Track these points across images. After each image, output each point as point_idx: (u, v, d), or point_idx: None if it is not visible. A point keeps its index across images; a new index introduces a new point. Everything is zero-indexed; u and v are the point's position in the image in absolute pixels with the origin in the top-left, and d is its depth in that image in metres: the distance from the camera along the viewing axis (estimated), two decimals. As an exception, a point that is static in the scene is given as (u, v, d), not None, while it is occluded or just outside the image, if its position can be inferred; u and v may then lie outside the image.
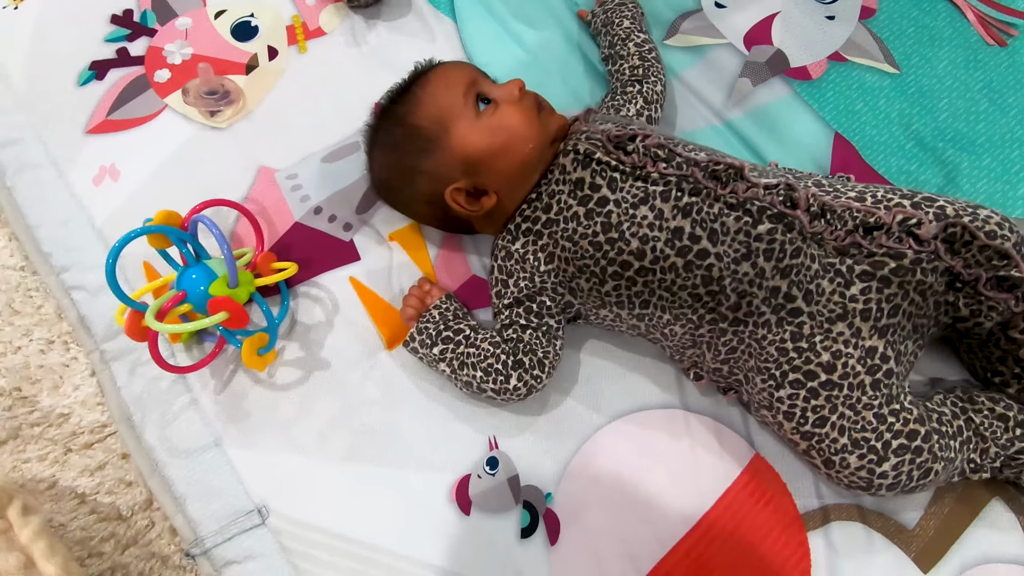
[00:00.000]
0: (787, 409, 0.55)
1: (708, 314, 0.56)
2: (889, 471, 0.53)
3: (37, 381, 0.73)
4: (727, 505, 0.61)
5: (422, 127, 0.61)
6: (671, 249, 0.55)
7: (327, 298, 0.71)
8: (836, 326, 0.53)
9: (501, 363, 0.61)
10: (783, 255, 0.54)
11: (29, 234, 0.76)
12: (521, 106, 0.61)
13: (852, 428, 0.53)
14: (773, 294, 0.54)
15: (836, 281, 0.54)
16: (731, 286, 0.55)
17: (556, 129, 0.62)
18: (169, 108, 0.80)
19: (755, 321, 0.55)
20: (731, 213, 0.55)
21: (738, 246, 0.54)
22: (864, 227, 0.54)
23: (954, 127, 0.74)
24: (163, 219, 0.62)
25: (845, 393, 0.53)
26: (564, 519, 0.62)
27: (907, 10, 0.81)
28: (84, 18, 0.85)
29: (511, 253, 0.62)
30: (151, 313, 0.59)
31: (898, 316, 0.54)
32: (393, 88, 0.66)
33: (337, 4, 0.85)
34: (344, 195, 0.75)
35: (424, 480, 0.64)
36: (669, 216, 0.55)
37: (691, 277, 0.55)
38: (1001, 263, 0.52)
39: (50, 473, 0.69)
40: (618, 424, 0.65)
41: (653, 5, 0.83)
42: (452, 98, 0.61)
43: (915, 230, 0.53)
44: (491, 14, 0.84)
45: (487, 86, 0.63)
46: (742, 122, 0.76)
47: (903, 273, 0.53)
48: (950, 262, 0.53)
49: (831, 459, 0.54)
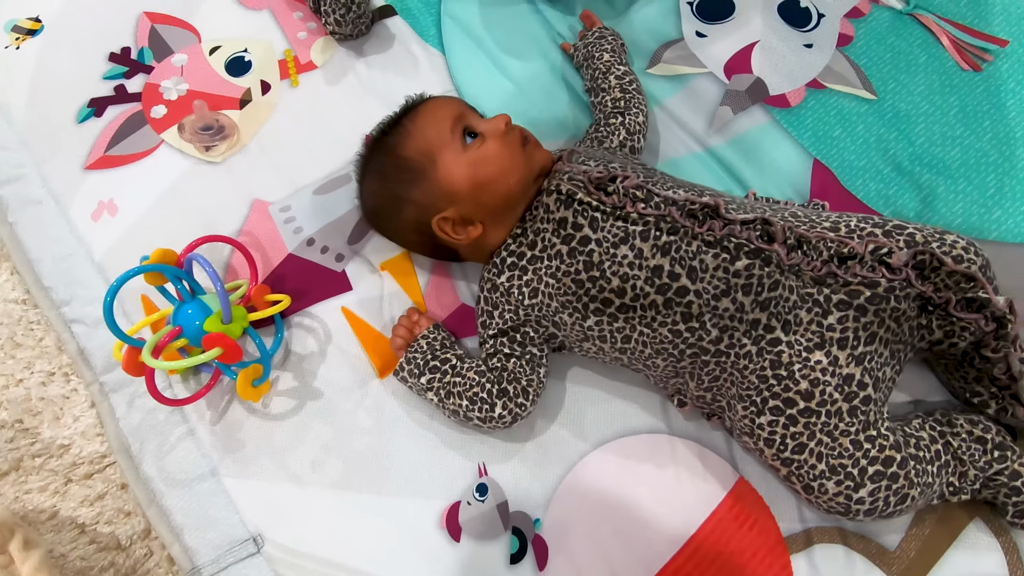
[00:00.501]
0: (767, 436, 0.57)
1: (689, 349, 0.58)
2: (866, 497, 0.54)
3: (38, 413, 0.74)
4: (712, 528, 0.62)
5: (410, 158, 0.63)
6: (651, 287, 0.57)
7: (320, 328, 0.73)
8: (814, 355, 0.55)
9: (486, 392, 0.62)
10: (761, 288, 0.55)
11: (30, 268, 0.78)
12: (506, 140, 0.63)
13: (829, 455, 0.55)
14: (753, 326, 0.56)
15: (814, 311, 0.55)
16: (711, 321, 0.56)
17: (541, 164, 0.64)
18: (165, 143, 0.82)
19: (736, 352, 0.56)
20: (709, 251, 0.56)
21: (717, 282, 0.56)
22: (839, 257, 0.55)
23: (930, 152, 0.76)
24: (159, 257, 0.64)
25: (823, 420, 0.55)
26: (552, 544, 0.63)
27: (883, 36, 0.83)
28: (83, 56, 0.88)
29: (496, 286, 0.64)
30: (147, 350, 0.60)
31: (875, 343, 0.55)
32: (384, 120, 0.68)
33: (327, 38, 0.88)
34: (336, 226, 0.77)
35: (415, 507, 0.65)
36: (648, 255, 0.57)
37: (671, 314, 0.57)
38: (968, 285, 0.54)
39: (51, 503, 0.71)
40: (604, 449, 0.66)
41: (636, 35, 0.85)
42: (439, 131, 0.63)
43: (887, 259, 0.54)
44: (478, 46, 0.86)
45: (474, 120, 0.65)
46: (723, 149, 0.78)
47: (878, 301, 0.54)
48: (921, 288, 0.54)
49: (810, 485, 0.56)
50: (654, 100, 0.81)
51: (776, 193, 0.74)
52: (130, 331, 0.65)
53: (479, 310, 0.66)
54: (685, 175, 0.75)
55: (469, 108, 0.67)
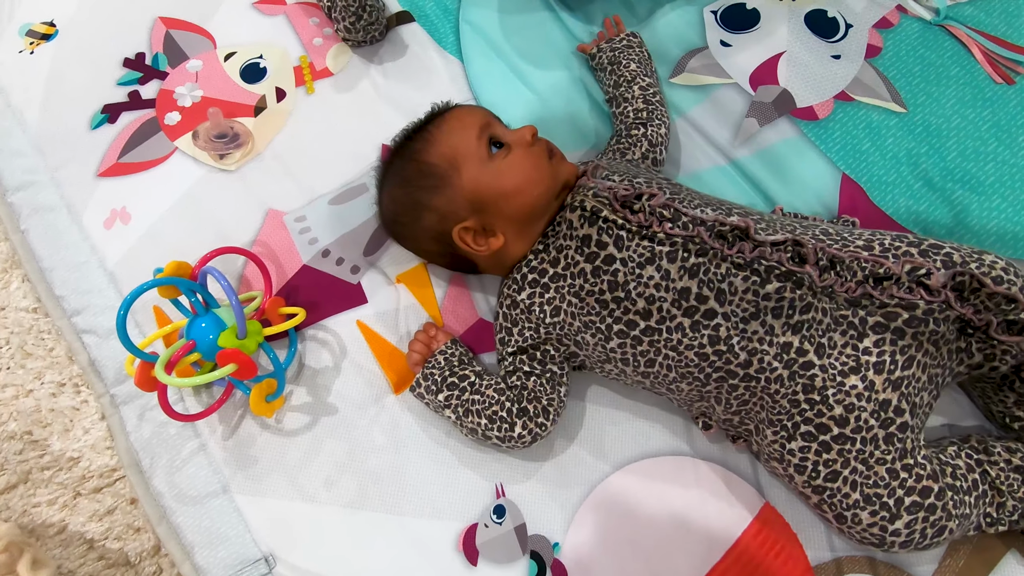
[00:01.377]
0: (798, 462, 0.55)
1: (715, 372, 0.56)
2: (902, 529, 0.52)
3: (48, 425, 0.73)
4: (737, 556, 0.60)
5: (434, 164, 0.62)
6: (677, 309, 0.55)
7: (334, 342, 0.71)
8: (849, 379, 0.53)
9: (505, 411, 0.60)
10: (792, 311, 0.54)
11: (42, 276, 0.77)
12: (532, 152, 0.62)
13: (864, 483, 0.53)
14: (784, 350, 0.54)
15: (849, 334, 0.53)
16: (739, 344, 0.54)
17: (566, 177, 0.63)
18: (179, 151, 0.81)
19: (767, 376, 0.54)
20: (739, 273, 0.54)
21: (746, 305, 0.54)
22: (875, 278, 0.53)
23: (963, 167, 0.73)
24: (173, 270, 0.63)
25: (858, 448, 0.53)
26: (572, 570, 0.61)
27: (913, 48, 0.81)
28: (98, 62, 0.87)
29: (517, 303, 0.62)
30: (160, 365, 0.59)
31: (912, 368, 0.53)
32: (408, 126, 0.67)
33: (343, 46, 0.86)
34: (352, 237, 0.76)
35: (431, 528, 0.63)
36: (676, 277, 0.55)
37: (697, 337, 0.55)
38: (1009, 307, 0.52)
39: (59, 518, 0.70)
40: (626, 471, 0.64)
41: (659, 43, 0.83)
42: (465, 139, 0.61)
43: (925, 280, 0.52)
44: (497, 54, 0.85)
45: (500, 130, 0.64)
46: (749, 162, 0.76)
47: (916, 324, 0.52)
48: (961, 310, 0.52)
49: (843, 514, 0.54)
50: (677, 110, 0.79)
51: (804, 208, 0.72)
52: (142, 344, 0.64)
53: (498, 326, 0.64)
54: (709, 188, 0.73)
55: (495, 118, 0.66)
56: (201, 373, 0.65)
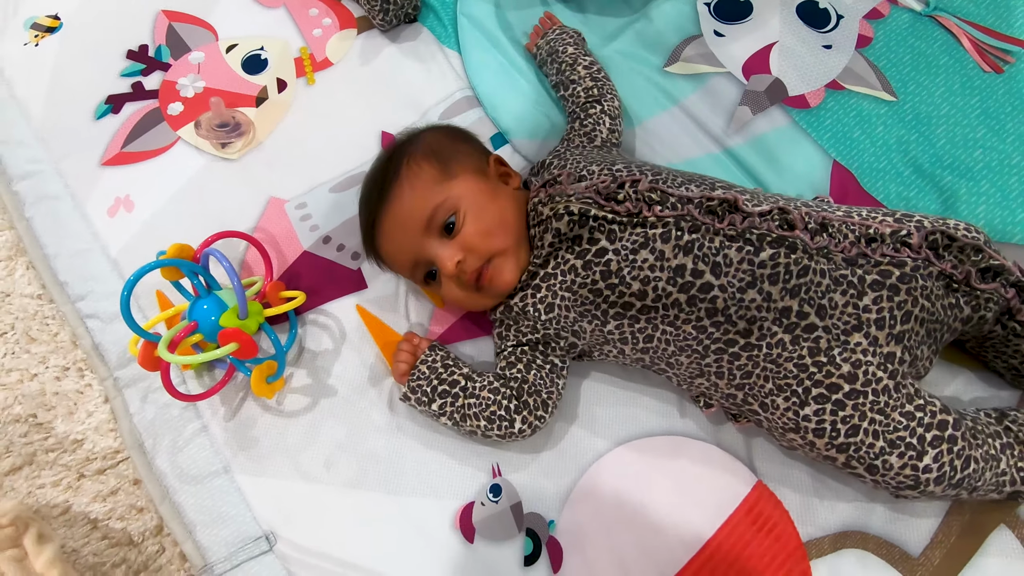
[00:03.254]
0: (815, 427, 0.55)
1: (714, 344, 0.57)
2: (932, 464, 0.53)
3: (52, 408, 0.74)
4: (729, 532, 0.61)
5: (401, 274, 0.70)
6: (673, 286, 0.56)
7: (334, 326, 0.72)
8: (853, 337, 0.54)
9: (504, 408, 0.61)
10: (789, 276, 0.55)
11: (46, 264, 0.78)
12: (458, 286, 0.62)
13: (885, 431, 0.54)
14: (784, 314, 0.55)
15: (849, 293, 0.55)
16: (738, 314, 0.55)
17: (501, 292, 0.62)
18: (182, 140, 0.82)
19: (768, 342, 0.56)
20: (732, 244, 0.56)
21: (743, 275, 0.55)
22: (865, 239, 0.56)
23: (952, 153, 0.75)
24: (176, 252, 0.64)
25: (871, 399, 0.54)
26: (567, 547, 0.62)
27: (904, 38, 0.82)
28: (102, 54, 0.88)
29: (510, 307, 0.63)
30: (163, 344, 0.60)
31: (911, 322, 0.55)
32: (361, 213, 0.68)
33: (342, 35, 0.88)
34: (352, 224, 0.77)
35: (428, 507, 0.64)
36: (670, 256, 0.56)
37: (695, 311, 0.56)
38: (978, 257, 0.56)
39: (64, 499, 0.71)
40: (620, 451, 0.65)
41: (654, 32, 0.84)
42: (403, 274, 0.69)
43: (907, 240, 0.55)
44: (494, 46, 0.86)
45: (432, 253, 0.62)
46: (742, 150, 0.77)
47: (908, 280, 0.55)
48: (940, 265, 0.55)
49: (873, 465, 0.54)
50: (672, 99, 0.80)
51: (796, 195, 0.73)
52: (146, 326, 0.65)
53: (495, 322, 0.66)
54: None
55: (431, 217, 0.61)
56: (204, 354, 0.66)
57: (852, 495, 0.62)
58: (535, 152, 0.79)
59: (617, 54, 0.84)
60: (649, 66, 0.83)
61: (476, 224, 0.61)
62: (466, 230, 0.61)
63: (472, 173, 0.64)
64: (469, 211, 0.61)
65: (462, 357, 0.70)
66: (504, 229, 0.62)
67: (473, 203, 0.62)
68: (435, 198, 0.62)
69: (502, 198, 0.64)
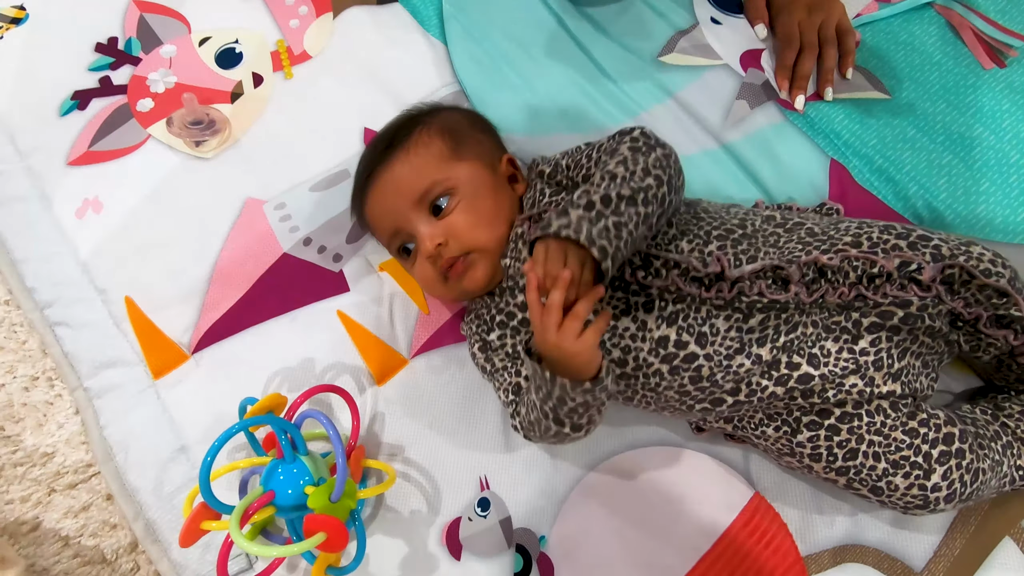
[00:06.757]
0: (811, 452, 0.53)
1: (699, 404, 0.55)
2: (941, 482, 0.51)
3: (21, 419, 0.71)
4: (726, 547, 0.59)
5: (376, 236, 0.66)
6: (655, 357, 0.53)
7: (315, 333, 0.69)
8: (849, 379, 0.51)
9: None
10: (778, 336, 0.52)
11: (13, 268, 0.75)
12: (427, 271, 0.59)
13: (887, 452, 0.51)
14: (773, 367, 0.52)
15: (843, 339, 0.52)
16: (724, 378, 0.52)
17: (470, 290, 0.59)
18: (152, 138, 0.78)
19: (759, 396, 0.53)
20: (720, 314, 0.52)
21: (730, 343, 0.52)
22: (868, 277, 0.52)
23: (949, 150, 0.72)
24: (269, 405, 0.56)
25: (867, 421, 0.51)
26: (559, 563, 0.60)
27: (896, 34, 0.79)
28: (69, 46, 0.84)
29: (487, 343, 0.60)
30: (235, 518, 0.50)
31: (907, 358, 0.53)
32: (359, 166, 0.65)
33: (320, 24, 0.84)
34: (334, 224, 0.74)
35: (413, 522, 0.62)
36: (653, 327, 0.53)
37: (677, 379, 0.53)
38: (1000, 301, 0.51)
39: (33, 515, 0.68)
40: (613, 463, 0.63)
41: (649, 19, 0.81)
42: (381, 239, 0.65)
43: (916, 276, 0.51)
44: (481, 36, 0.82)
45: (415, 227, 0.59)
46: (739, 146, 0.74)
47: (912, 320, 0.51)
48: (952, 304, 0.51)
49: (877, 487, 0.52)
50: (667, 91, 0.77)
51: (794, 192, 0.71)
52: (214, 474, 0.53)
53: (481, 362, 0.62)
54: (699, 174, 0.72)
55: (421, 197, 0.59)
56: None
57: (853, 508, 0.60)
58: (524, 148, 0.76)
59: (610, 42, 0.81)
60: (642, 55, 0.80)
61: (466, 213, 0.59)
62: (455, 216, 0.59)
63: (481, 163, 0.62)
64: (464, 198, 0.59)
65: (456, 360, 0.67)
66: (492, 227, 0.59)
67: (471, 191, 0.59)
68: (435, 174, 0.59)
69: (502, 197, 0.61)
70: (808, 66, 0.75)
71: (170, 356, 0.69)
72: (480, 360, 0.61)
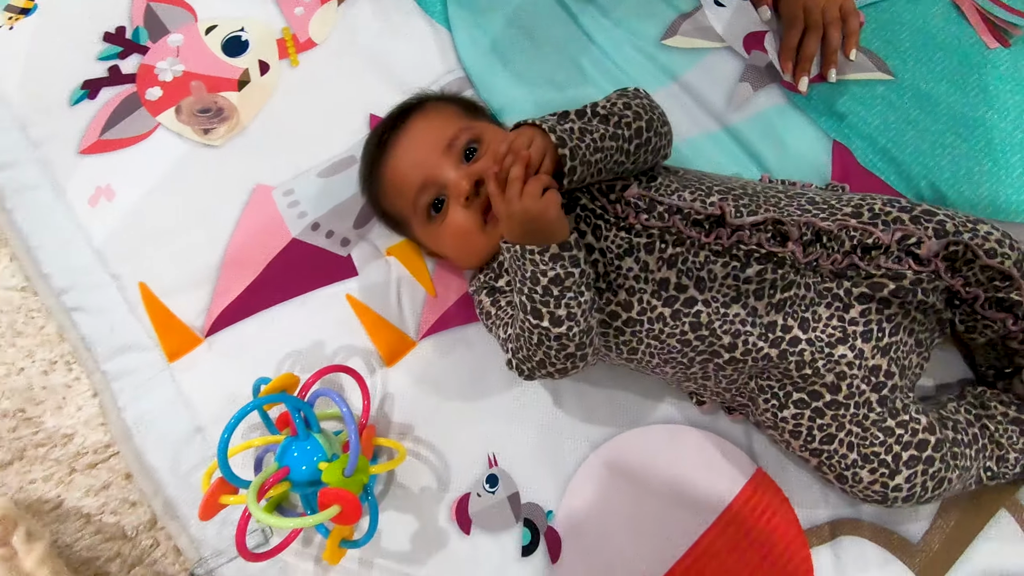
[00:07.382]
0: (792, 428, 0.55)
1: (699, 356, 0.56)
2: (903, 484, 0.52)
3: (41, 402, 0.73)
4: (729, 520, 0.61)
5: (389, 215, 0.66)
6: (657, 300, 0.54)
7: (325, 316, 0.71)
8: (837, 349, 0.53)
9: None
10: (774, 291, 0.53)
11: (29, 255, 0.76)
12: (465, 219, 0.57)
13: (861, 444, 0.53)
14: (769, 329, 0.53)
15: (834, 306, 0.53)
16: (722, 328, 0.54)
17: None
18: (162, 127, 0.80)
19: (754, 356, 0.54)
20: (718, 260, 0.53)
21: (727, 290, 0.53)
22: (862, 247, 0.52)
23: (953, 131, 0.72)
24: (282, 384, 0.58)
25: (852, 412, 0.53)
26: (565, 537, 0.62)
27: (899, 14, 0.79)
28: (78, 36, 0.85)
29: (487, 306, 0.61)
30: (252, 492, 0.52)
31: (899, 334, 0.53)
32: (370, 141, 0.66)
33: (324, 12, 0.84)
34: (341, 209, 0.75)
35: (423, 499, 0.64)
36: (654, 268, 0.54)
37: (679, 325, 0.54)
38: (1003, 284, 0.51)
39: (55, 494, 0.70)
40: (618, 440, 0.64)
41: (652, 2, 0.81)
42: (403, 204, 0.61)
43: (915, 249, 0.52)
44: (485, 22, 0.83)
45: (445, 173, 0.58)
46: (742, 128, 0.75)
47: (903, 294, 0.52)
48: (951, 282, 0.52)
49: (843, 475, 0.54)
50: (670, 74, 0.78)
51: (796, 174, 0.72)
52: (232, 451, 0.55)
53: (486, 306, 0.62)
54: (701, 156, 0.72)
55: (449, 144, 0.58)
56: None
57: (852, 482, 0.61)
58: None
59: (613, 26, 0.81)
60: (646, 39, 0.80)
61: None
62: (488, 159, 0.57)
63: (496, 125, 0.67)
64: (493, 144, 0.58)
65: (463, 341, 0.68)
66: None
67: (498, 140, 0.58)
68: (460, 123, 0.61)
69: None
70: (812, 47, 0.75)
71: (184, 340, 0.71)
72: (485, 304, 0.61)
